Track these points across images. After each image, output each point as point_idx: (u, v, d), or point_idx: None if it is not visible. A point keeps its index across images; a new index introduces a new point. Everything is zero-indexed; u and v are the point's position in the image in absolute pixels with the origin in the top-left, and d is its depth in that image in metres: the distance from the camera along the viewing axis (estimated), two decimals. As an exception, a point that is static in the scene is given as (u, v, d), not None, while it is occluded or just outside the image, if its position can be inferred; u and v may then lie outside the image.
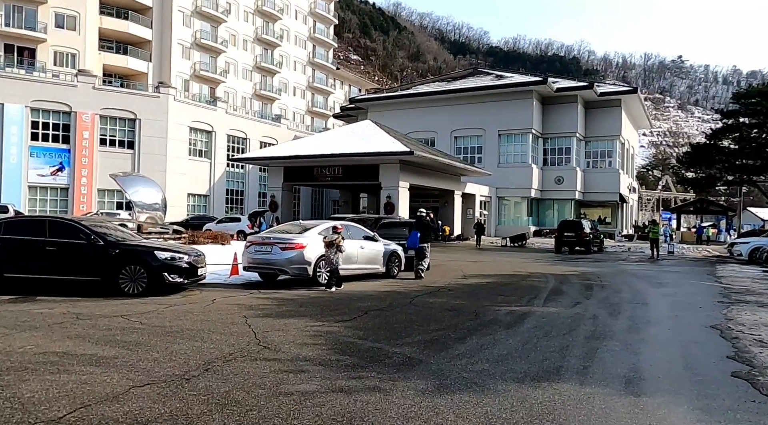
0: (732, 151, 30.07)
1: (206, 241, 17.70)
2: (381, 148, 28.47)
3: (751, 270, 18.35)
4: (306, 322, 7.51)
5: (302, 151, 30.95)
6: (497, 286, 12.47)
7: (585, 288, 12.30)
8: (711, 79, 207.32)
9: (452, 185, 35.84)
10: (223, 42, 54.31)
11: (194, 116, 43.20)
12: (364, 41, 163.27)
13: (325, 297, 10.07)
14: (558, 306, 9.56)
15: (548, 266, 18.44)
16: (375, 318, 8.03)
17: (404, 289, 11.44)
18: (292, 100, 65.04)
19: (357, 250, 12.50)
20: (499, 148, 43.11)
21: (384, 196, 29.85)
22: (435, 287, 11.95)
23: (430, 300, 9.95)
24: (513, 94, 42.11)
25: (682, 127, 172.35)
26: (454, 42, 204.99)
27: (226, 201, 46.84)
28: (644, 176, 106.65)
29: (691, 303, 10.36)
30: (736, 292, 11.91)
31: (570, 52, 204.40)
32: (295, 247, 11.09)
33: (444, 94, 45.07)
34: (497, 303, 9.72)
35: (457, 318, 8.24)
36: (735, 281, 14.36)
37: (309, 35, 67.24)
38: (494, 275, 14.96)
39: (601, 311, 9.14)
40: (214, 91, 53.86)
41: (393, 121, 42.71)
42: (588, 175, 43.98)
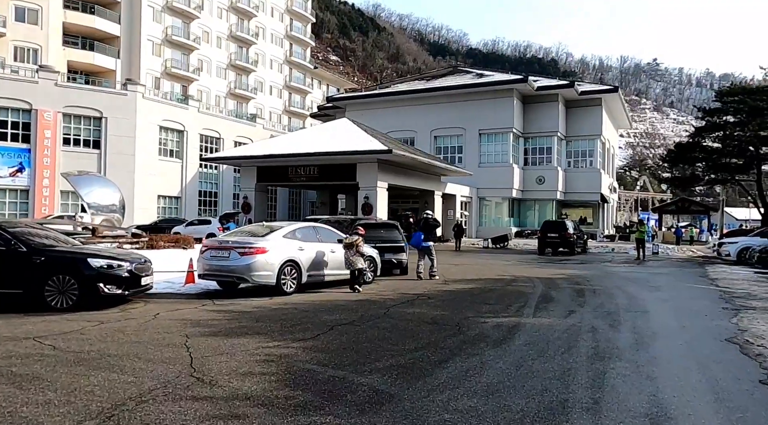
0: (715, 150, 29.65)
1: (167, 245, 16.33)
2: (358, 146, 27.29)
3: (742, 271, 17.65)
4: (259, 342, 6.31)
5: (276, 150, 29.59)
6: (481, 293, 11.41)
7: (576, 294, 11.31)
8: (685, 81, 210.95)
9: (432, 185, 34.84)
10: (195, 39, 52.60)
11: (165, 115, 41.46)
12: (344, 42, 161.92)
13: (289, 308, 8.87)
14: (550, 317, 8.51)
15: (533, 269, 17.48)
16: (342, 335, 6.86)
17: (378, 297, 10.30)
18: (269, 100, 63.49)
19: (327, 254, 11.32)
20: (480, 147, 42.28)
21: (362, 197, 28.66)
22: (413, 294, 10.83)
23: (407, 311, 8.82)
24: (493, 92, 41.33)
25: (658, 128, 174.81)
26: (434, 43, 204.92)
27: (199, 203, 45.15)
28: (622, 176, 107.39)
29: (694, 310, 9.42)
30: (737, 297, 11.03)
31: (548, 54, 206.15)
32: (256, 252, 9.85)
33: (423, 93, 44.09)
34: (482, 314, 8.64)
35: (437, 333, 7.12)
36: (731, 284, 13.55)
37: (286, 33, 65.78)
38: (477, 280, 13.91)
39: (599, 322, 8.11)
40: (186, 89, 52.10)
41: (372, 120, 41.54)
42: (569, 174, 43.42)
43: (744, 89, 29.08)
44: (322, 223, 20.43)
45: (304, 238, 11.04)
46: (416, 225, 14.63)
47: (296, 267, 10.50)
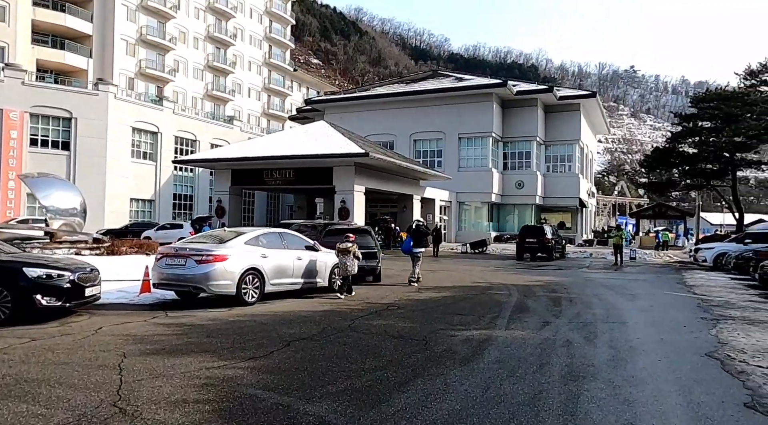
0: (691, 156, 29.76)
1: (130, 251, 15.56)
2: (335, 149, 26.74)
3: (719, 277, 17.51)
4: (203, 362, 5.72)
5: (251, 152, 28.88)
6: (454, 302, 10.94)
7: (552, 303, 10.91)
8: (661, 88, 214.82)
9: (411, 189, 34.43)
10: (171, 39, 51.53)
11: (138, 116, 40.38)
12: (325, 45, 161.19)
13: (247, 321, 8.28)
14: (524, 329, 8.07)
15: (510, 275, 17.11)
16: (298, 352, 6.31)
17: (345, 308, 9.76)
18: (247, 102, 62.56)
19: (293, 262, 10.75)
20: (459, 151, 42.05)
21: (338, 201, 28.09)
22: (382, 304, 10.31)
23: (373, 323, 8.30)
24: (473, 96, 41.16)
25: (635, 134, 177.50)
26: (416, 48, 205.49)
27: (173, 206, 44.10)
28: (600, 182, 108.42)
29: (672, 321, 9.07)
30: (715, 306, 10.75)
31: (528, 60, 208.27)
32: (214, 260, 9.24)
33: (403, 96, 43.75)
34: (453, 326, 8.16)
35: (401, 348, 6.61)
36: (709, 291, 13.31)
37: (265, 35, 64.97)
38: (451, 287, 13.45)
39: (574, 334, 7.69)
40: (162, 90, 50.97)
41: (351, 123, 41.03)
42: (548, 179, 43.42)
43: (719, 95, 29.28)
44: (294, 228, 19.83)
45: (268, 245, 10.46)
46: (407, 231, 14.99)
47: (259, 276, 9.91)
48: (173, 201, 44.11)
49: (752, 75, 29.39)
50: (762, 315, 9.45)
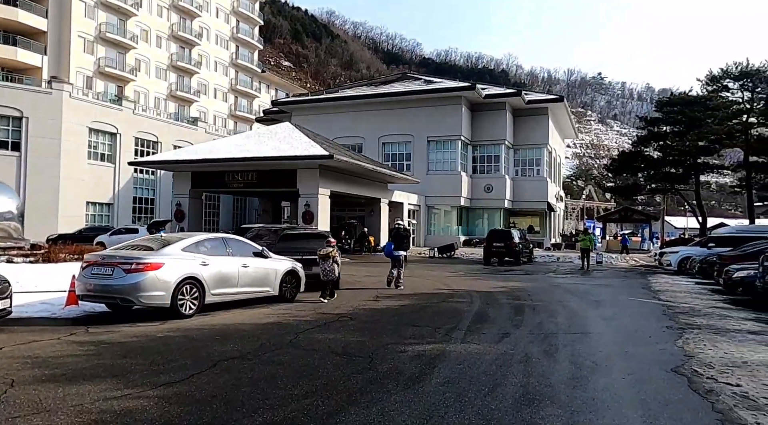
0: (656, 160, 29.97)
1: (69, 258, 14.47)
2: (299, 151, 25.93)
3: (684, 281, 17.38)
4: (105, 390, 4.92)
5: (212, 154, 27.78)
6: (412, 311, 10.31)
7: (515, 312, 10.38)
8: (627, 95, 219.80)
9: (378, 193, 33.80)
10: (133, 37, 49.83)
11: (95, 116, 38.76)
12: (296, 47, 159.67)
13: (177, 336, 7.47)
14: (481, 342, 7.47)
15: (475, 281, 16.60)
16: (223, 374, 5.56)
17: (292, 320, 9.01)
18: (213, 103, 61.07)
19: (238, 270, 9.95)
20: (428, 155, 41.66)
21: (302, 204, 27.24)
22: (335, 315, 9.60)
23: (319, 337, 7.58)
24: (442, 99, 40.85)
25: (602, 139, 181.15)
26: (388, 52, 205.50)
27: (133, 210, 42.49)
28: (569, 186, 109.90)
29: (637, 331, 8.61)
30: (681, 313, 10.38)
31: (499, 66, 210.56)
32: (145, 268, 8.38)
33: (372, 99, 43.18)
34: (405, 340, 7.51)
35: (342, 368, 5.92)
36: (674, 297, 13.02)
37: (231, 35, 63.62)
38: (412, 295, 12.83)
39: (534, 348, 7.13)
40: (122, 89, 49.21)
41: (319, 125, 40.21)
42: (517, 183, 43.39)
43: (683, 100, 29.59)
44: (253, 233, 18.80)
45: (210, 252, 9.64)
46: (389, 235, 15.40)
47: (198, 286, 9.08)
48: (133, 204, 42.51)
49: (714, 80, 29.82)
50: (728, 324, 9.09)
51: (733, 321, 9.33)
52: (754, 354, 6.73)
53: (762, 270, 10.55)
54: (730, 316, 9.93)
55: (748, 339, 7.72)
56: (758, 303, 11.24)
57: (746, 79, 28.83)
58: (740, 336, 7.94)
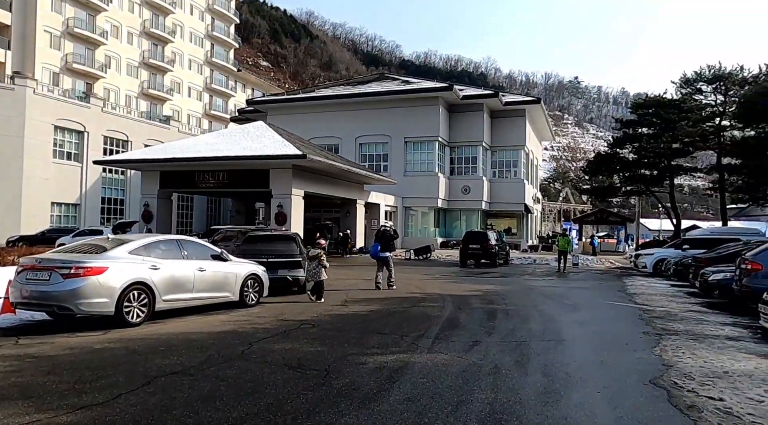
0: (631, 161, 30.02)
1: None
2: (271, 151, 25.20)
3: (659, 283, 17.20)
4: (10, 414, 4.28)
5: (181, 153, 26.85)
6: (379, 318, 9.77)
7: (487, 317, 9.92)
8: (603, 99, 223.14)
9: (354, 194, 33.22)
10: (102, 33, 48.38)
11: (61, 113, 37.43)
12: (275, 47, 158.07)
13: (116, 348, 6.80)
14: (449, 351, 6.97)
15: (449, 284, 16.15)
16: (156, 393, 4.94)
17: (250, 328, 8.40)
18: (187, 102, 59.75)
19: (193, 274, 9.29)
20: (406, 155, 41.22)
21: (275, 205, 26.52)
22: (297, 321, 9.01)
23: (274, 348, 6.99)
24: (420, 100, 40.48)
25: (579, 142, 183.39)
26: (367, 53, 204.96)
27: (101, 210, 41.19)
28: (546, 188, 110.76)
29: (614, 337, 8.21)
30: (657, 317, 10.05)
31: (478, 68, 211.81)
32: (86, 273, 7.68)
33: (349, 99, 42.59)
34: (367, 350, 6.97)
35: (294, 384, 5.35)
36: (650, 300, 12.73)
37: (207, 33, 62.39)
38: (382, 299, 12.29)
39: (505, 358, 6.65)
40: (91, 86, 47.71)
41: (295, 126, 39.47)
42: (494, 184, 43.23)
43: (657, 102, 29.68)
44: (221, 234, 18.05)
45: (162, 255, 8.96)
46: (375, 236, 15.56)
47: (147, 291, 8.40)
48: (102, 205, 41.20)
49: (687, 83, 29.99)
50: (706, 329, 8.76)
51: (710, 326, 9.01)
52: (734, 364, 6.36)
53: (739, 274, 10.29)
54: (708, 321, 9.63)
55: (727, 346, 7.38)
56: (734, 307, 11.00)
57: (719, 83, 29.06)
58: (719, 343, 7.60)
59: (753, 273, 9.83)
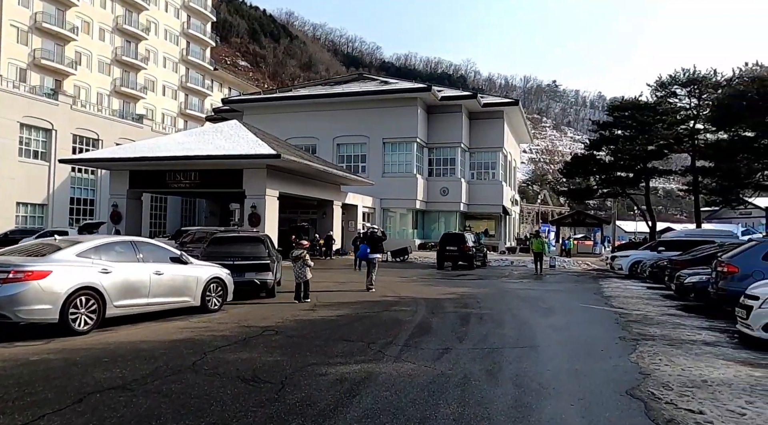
0: (608, 164, 30.13)
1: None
2: (244, 150, 24.57)
3: (635, 286, 17.09)
4: None
5: (151, 152, 26.02)
6: (348, 323, 9.33)
7: (460, 322, 9.56)
8: (581, 103, 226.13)
9: (331, 195, 32.71)
10: (73, 29, 47.00)
11: (27, 110, 36.12)
12: (254, 47, 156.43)
13: (54, 360, 6.23)
14: (417, 360, 6.57)
15: (424, 287, 15.79)
16: (86, 413, 4.44)
17: (208, 335, 7.89)
18: (162, 100, 58.49)
19: (149, 278, 8.73)
20: (384, 156, 40.84)
21: (248, 206, 25.87)
22: (260, 328, 8.52)
23: (230, 358, 6.51)
24: (398, 100, 40.16)
25: (557, 145, 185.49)
26: (348, 55, 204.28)
27: (70, 211, 39.88)
28: (525, 190, 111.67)
29: (589, 342, 7.92)
30: (634, 321, 9.81)
31: (458, 71, 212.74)
32: (26, 277, 7.09)
33: (326, 98, 42.08)
34: (330, 359, 6.53)
35: (244, 399, 4.89)
36: (626, 303, 12.54)
37: (182, 30, 61.21)
38: (353, 303, 11.86)
39: (475, 367, 6.28)
40: (61, 83, 46.29)
41: (271, 125, 38.79)
42: (473, 186, 43.14)
43: (633, 105, 29.86)
44: (191, 236, 17.39)
45: (114, 257, 8.39)
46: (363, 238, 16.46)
47: (96, 297, 7.83)
48: (71, 205, 39.90)
49: (662, 86, 30.20)
50: (682, 334, 8.53)
51: (687, 331, 8.79)
52: (713, 371, 6.09)
53: (715, 277, 10.12)
54: (684, 325, 9.42)
55: (705, 353, 7.12)
56: (710, 310, 10.84)
57: (693, 86, 29.33)
58: (696, 349, 7.35)
59: (729, 276, 9.65)
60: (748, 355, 6.99)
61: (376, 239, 15.36)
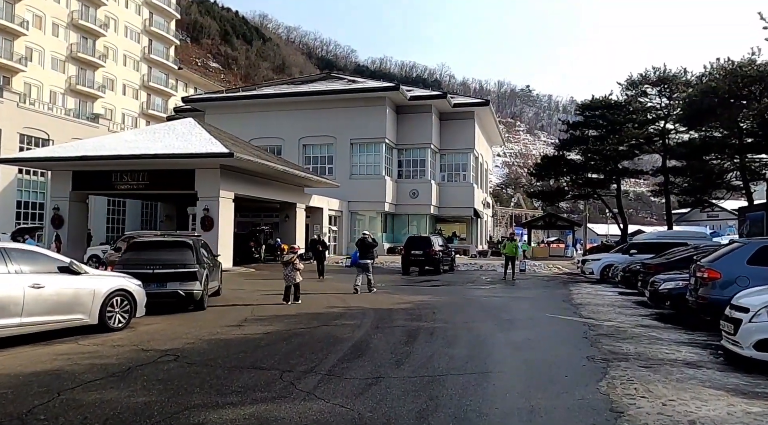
0: (578, 164, 29.30)
1: None
2: (196, 148, 22.90)
3: (607, 291, 16.03)
4: None
5: (95, 151, 24.14)
6: (273, 342, 7.88)
7: (406, 339, 8.20)
8: (553, 107, 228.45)
9: (294, 197, 31.11)
10: (23, 23, 44.47)
11: (-33, 108, 33.67)
12: (225, 49, 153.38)
13: None
14: (335, 396, 5.17)
15: (379, 295, 14.41)
16: None
17: (83, 365, 6.35)
18: (122, 100, 56.04)
19: (23, 292, 7.15)
20: (351, 158, 39.40)
21: (201, 209, 24.16)
22: (158, 352, 7.02)
23: (87, 399, 5.00)
24: (366, 100, 38.83)
25: (530, 149, 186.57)
26: (322, 58, 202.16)
27: (17, 215, 37.32)
28: (499, 194, 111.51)
29: (552, 365, 6.63)
30: (604, 335, 8.60)
31: (432, 75, 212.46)
32: None
33: (291, 97, 40.47)
34: (222, 397, 5.09)
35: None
36: (596, 312, 11.37)
37: (144, 28, 58.88)
38: (293, 316, 10.41)
39: (406, 406, 4.91)
40: (9, 80, 43.72)
41: (235, 125, 37.08)
42: (443, 188, 42.00)
43: (604, 103, 29.10)
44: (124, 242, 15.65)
45: (-25, 268, 6.80)
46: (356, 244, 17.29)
47: (-58, 318, 6.24)
48: (17, 209, 37.37)
49: (633, 85, 29.53)
50: (660, 351, 7.33)
51: (664, 347, 7.60)
52: (702, 406, 4.85)
53: (694, 283, 9.00)
54: (661, 339, 8.24)
55: (688, 377, 5.90)
56: (687, 319, 9.75)
57: (663, 85, 28.71)
58: (678, 373, 6.12)
59: (710, 283, 8.53)
60: (739, 381, 5.80)
61: (367, 245, 15.85)
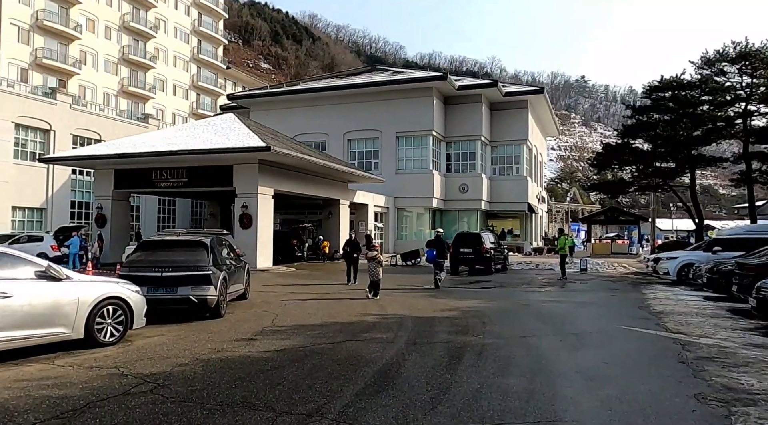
0: (646, 152, 26.49)
1: None
2: (232, 143, 22.03)
3: (690, 296, 13.72)
4: None
5: (135, 148, 23.76)
6: (282, 364, 6.42)
7: (447, 361, 6.55)
8: (611, 98, 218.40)
9: (337, 193, 29.90)
10: (77, 27, 45.55)
11: (23, 110, 34.42)
12: (276, 49, 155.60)
13: None
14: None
15: (421, 300, 12.78)
16: None
17: (37, 396, 5.08)
18: (172, 100, 56.84)
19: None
20: (398, 152, 37.84)
21: (239, 206, 23.30)
22: (137, 378, 5.69)
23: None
24: (411, 91, 37.14)
25: (586, 142, 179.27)
26: (371, 55, 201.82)
27: (71, 215, 38.09)
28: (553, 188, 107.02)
29: (646, 412, 4.80)
30: (707, 359, 6.63)
31: (483, 68, 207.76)
32: None
33: (335, 91, 39.32)
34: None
35: None
36: (686, 324, 9.29)
37: (193, 28, 59.52)
38: (314, 326, 8.96)
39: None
40: (65, 83, 44.87)
41: (279, 122, 36.40)
42: (495, 182, 39.76)
43: (676, 84, 26.09)
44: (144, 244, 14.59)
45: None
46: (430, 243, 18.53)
47: None
48: (71, 209, 38.16)
49: (708, 64, 26.42)
50: (797, 389, 5.35)
51: (800, 382, 5.60)
52: None
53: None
54: (788, 368, 6.21)
55: None
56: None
57: (745, 62, 25.48)
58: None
59: None
60: None
61: (442, 243, 16.53)
